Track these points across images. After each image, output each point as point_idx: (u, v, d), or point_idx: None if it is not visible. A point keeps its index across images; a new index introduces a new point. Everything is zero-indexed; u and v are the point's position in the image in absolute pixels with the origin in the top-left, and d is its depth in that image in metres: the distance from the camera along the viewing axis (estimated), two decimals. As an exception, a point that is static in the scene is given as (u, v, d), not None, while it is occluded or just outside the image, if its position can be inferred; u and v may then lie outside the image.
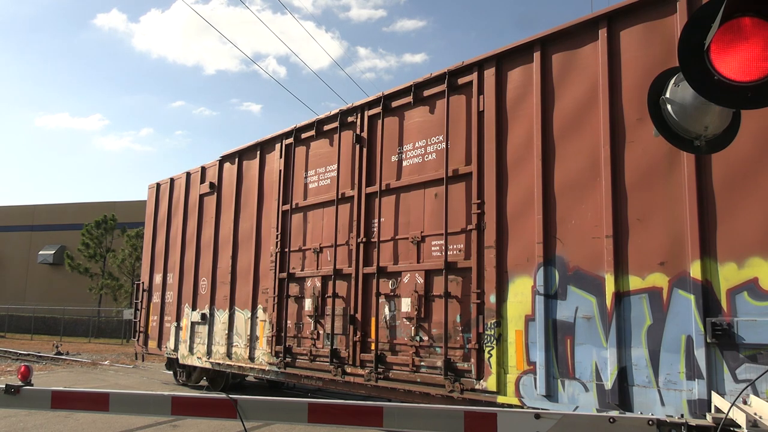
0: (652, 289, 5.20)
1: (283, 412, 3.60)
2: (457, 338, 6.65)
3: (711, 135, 2.76)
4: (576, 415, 3.34)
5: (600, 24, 5.80)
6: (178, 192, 11.86)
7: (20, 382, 3.97)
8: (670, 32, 5.32)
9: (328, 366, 8.03)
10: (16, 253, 46.29)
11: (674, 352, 4.99)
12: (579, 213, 5.75)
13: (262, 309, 9.36)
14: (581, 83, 5.91)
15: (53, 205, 46.97)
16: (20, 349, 22.95)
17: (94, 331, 34.70)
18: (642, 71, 5.49)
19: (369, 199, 7.89)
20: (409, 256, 7.30)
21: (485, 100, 6.70)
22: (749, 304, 4.66)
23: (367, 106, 8.10)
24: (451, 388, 6.56)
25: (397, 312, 7.35)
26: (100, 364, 17.19)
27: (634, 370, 5.23)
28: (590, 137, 5.75)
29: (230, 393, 3.73)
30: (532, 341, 5.94)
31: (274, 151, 9.61)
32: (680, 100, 2.70)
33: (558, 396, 5.71)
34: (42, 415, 8.23)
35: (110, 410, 3.81)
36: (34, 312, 38.20)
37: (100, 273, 36.28)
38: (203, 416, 4.06)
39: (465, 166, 6.81)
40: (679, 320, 4.98)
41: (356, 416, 3.45)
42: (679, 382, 4.95)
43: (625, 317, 5.32)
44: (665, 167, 5.23)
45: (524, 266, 6.12)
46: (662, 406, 5.04)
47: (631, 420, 3.11)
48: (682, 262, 5.02)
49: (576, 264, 5.72)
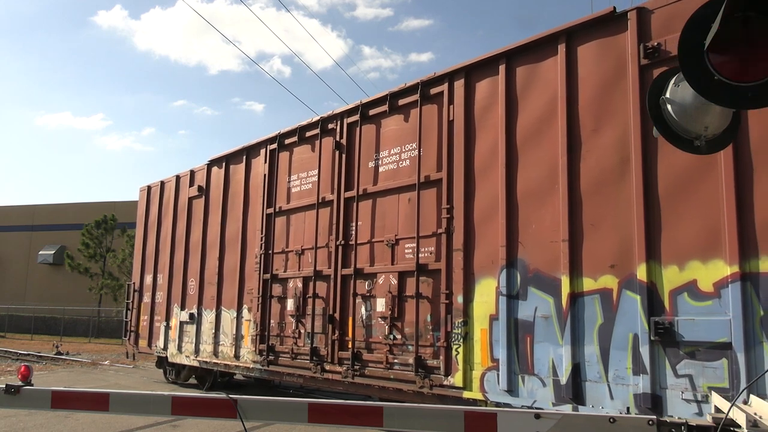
0: (603, 290, 5.53)
1: (283, 412, 3.59)
2: (428, 337, 6.98)
3: (711, 135, 2.76)
4: (576, 415, 3.38)
5: (560, 39, 6.13)
6: (168, 195, 12.22)
7: (20, 382, 3.93)
8: (622, 49, 5.65)
9: (308, 364, 8.36)
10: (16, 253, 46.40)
11: (622, 350, 5.32)
12: (539, 218, 6.08)
13: (247, 309, 9.70)
14: (542, 95, 6.24)
15: (53, 205, 47.01)
16: (20, 349, 23.06)
17: (94, 331, 34.73)
18: (596, 85, 5.82)
19: (347, 203, 8.22)
20: (384, 258, 7.64)
21: (455, 109, 7.04)
22: (689, 304, 5.00)
23: (347, 113, 8.44)
24: (422, 384, 6.89)
25: (372, 312, 7.68)
26: (100, 364, 17.27)
27: (586, 366, 5.56)
28: (550, 147, 6.08)
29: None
30: (496, 339, 6.26)
31: (259, 156, 9.96)
32: (680, 100, 2.70)
33: (519, 391, 6.03)
34: (42, 415, 8.28)
35: (110, 410, 3.79)
36: (34, 312, 38.20)
37: (100, 273, 36.34)
38: (203, 416, 4.07)
39: (436, 173, 7.14)
40: (627, 319, 5.31)
41: (356, 416, 3.45)
42: (626, 377, 5.28)
43: (579, 317, 5.65)
44: (617, 176, 5.55)
45: (489, 268, 6.44)
46: (611, 400, 5.37)
47: (631, 420, 3.12)
48: (630, 265, 5.35)
49: (536, 266, 6.05)
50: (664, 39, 5.37)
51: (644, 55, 5.44)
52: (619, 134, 5.57)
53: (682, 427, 3.01)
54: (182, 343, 11.17)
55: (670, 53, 5.30)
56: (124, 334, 13.16)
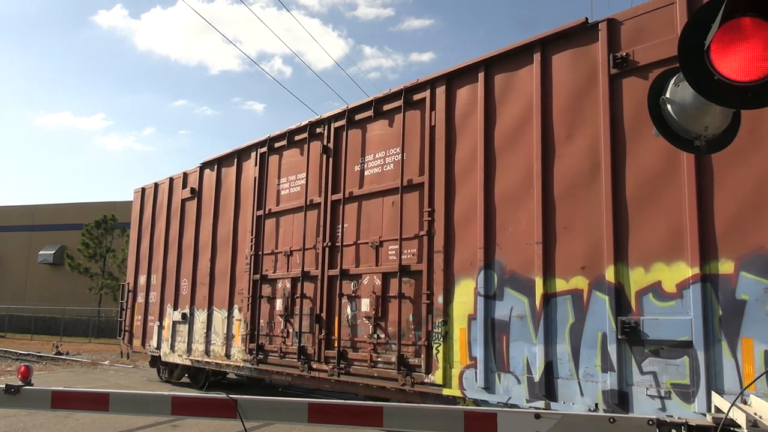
0: (574, 291, 5.74)
1: (283, 412, 3.59)
2: (410, 336, 7.19)
3: (711, 135, 2.78)
4: (576, 415, 3.38)
5: (535, 49, 6.34)
6: (162, 196, 12.44)
7: (20, 382, 3.93)
8: (594, 59, 5.86)
9: (296, 362, 8.58)
10: (16, 253, 46.51)
11: (592, 348, 5.53)
12: (515, 221, 6.29)
13: (237, 309, 9.93)
14: (519, 102, 6.45)
15: (53, 205, 47.09)
16: (20, 349, 23.15)
17: (94, 331, 34.75)
18: (569, 93, 6.03)
19: (334, 205, 8.44)
20: (369, 260, 7.85)
21: (437, 115, 7.25)
22: (653, 304, 5.21)
23: (334, 118, 8.66)
24: (404, 382, 7.10)
25: (357, 311, 7.90)
26: (100, 364, 17.33)
27: (558, 364, 5.77)
28: (525, 152, 6.29)
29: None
30: (474, 338, 6.47)
31: (250, 159, 10.18)
32: (680, 100, 2.71)
33: (495, 388, 6.24)
34: (42, 415, 8.29)
35: (110, 410, 3.79)
36: (34, 312, 38.30)
37: (100, 273, 36.40)
38: (203, 416, 4.06)
39: (419, 177, 7.35)
40: (596, 319, 5.52)
41: (356, 416, 3.44)
42: (595, 374, 5.49)
43: (551, 316, 5.86)
44: (587, 181, 5.77)
45: (468, 270, 6.66)
46: (582, 396, 5.58)
47: (631, 420, 3.12)
48: (600, 267, 5.56)
49: (512, 268, 6.26)
50: (632, 49, 5.58)
51: (613, 65, 5.65)
52: (590, 141, 5.78)
53: (682, 427, 3.00)
54: (175, 343, 11.40)
55: (638, 63, 5.52)
56: (119, 334, 13.40)
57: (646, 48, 5.47)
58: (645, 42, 5.51)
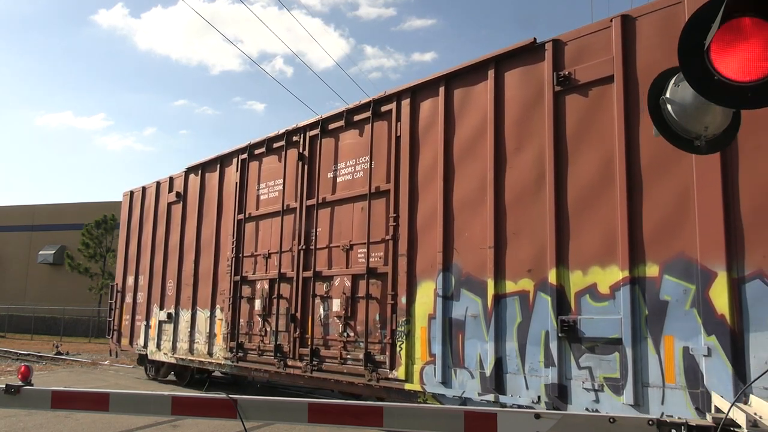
0: (522, 292, 6.17)
1: (283, 411, 3.61)
2: (376, 334, 7.62)
3: (711, 135, 2.79)
4: (576, 415, 3.38)
5: (489, 66, 6.77)
6: (149, 200, 12.91)
7: (20, 382, 3.93)
8: (541, 76, 6.29)
9: (273, 360, 9.01)
10: (16, 253, 46.63)
11: (536, 345, 5.96)
12: (471, 227, 6.73)
13: (219, 309, 10.38)
14: (475, 115, 6.88)
15: (53, 205, 47.11)
16: (20, 349, 23.30)
17: (94, 331, 34.55)
18: (519, 108, 6.46)
19: (309, 210, 8.88)
20: (340, 262, 8.29)
21: (402, 126, 7.68)
22: (590, 304, 5.64)
23: (309, 127, 9.10)
24: (370, 378, 7.53)
25: (329, 311, 8.33)
26: (100, 364, 17.41)
27: (507, 360, 6.20)
28: (480, 162, 6.72)
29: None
30: (433, 336, 6.90)
31: (231, 165, 10.63)
32: (680, 100, 2.72)
33: (452, 383, 6.68)
34: (42, 415, 8.31)
35: (110, 410, 3.79)
36: (34, 312, 38.42)
37: (100, 273, 36.49)
38: (203, 416, 4.08)
39: (386, 184, 7.78)
40: (540, 318, 5.95)
41: (356, 416, 3.45)
42: (539, 369, 5.92)
43: (501, 316, 6.29)
44: (534, 190, 6.19)
45: (429, 272, 7.09)
46: (527, 390, 6.01)
47: (631, 420, 3.13)
48: (544, 270, 5.98)
49: (467, 270, 6.69)
50: (574, 69, 6.01)
51: (557, 83, 6.08)
52: (536, 153, 6.21)
53: (682, 428, 3.00)
54: (161, 341, 11.86)
55: (578, 81, 5.95)
56: (108, 333, 13.87)
57: (586, 68, 5.91)
58: (585, 62, 5.94)
